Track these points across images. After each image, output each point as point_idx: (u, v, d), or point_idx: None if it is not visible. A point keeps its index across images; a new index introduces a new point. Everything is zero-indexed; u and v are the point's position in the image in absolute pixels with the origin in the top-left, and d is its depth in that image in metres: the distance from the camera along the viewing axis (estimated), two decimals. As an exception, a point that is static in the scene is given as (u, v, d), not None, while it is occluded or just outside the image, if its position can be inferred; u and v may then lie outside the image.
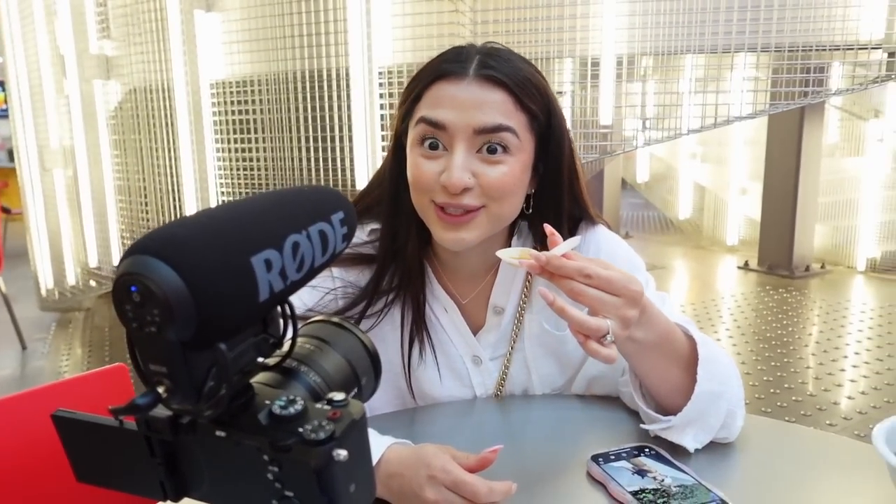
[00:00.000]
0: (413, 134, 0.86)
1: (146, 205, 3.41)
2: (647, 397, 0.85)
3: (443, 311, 0.97)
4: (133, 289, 0.33)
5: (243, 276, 0.36)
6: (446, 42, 2.20)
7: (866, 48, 2.60)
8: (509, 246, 0.96)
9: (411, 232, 0.91)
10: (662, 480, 0.72)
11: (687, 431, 0.79)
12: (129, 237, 3.55)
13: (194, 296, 0.33)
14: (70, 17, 3.42)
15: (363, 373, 0.49)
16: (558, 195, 0.90)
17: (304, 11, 2.55)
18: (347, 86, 2.53)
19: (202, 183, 3.02)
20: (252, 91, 2.84)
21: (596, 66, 2.57)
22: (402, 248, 0.92)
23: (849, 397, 2.92)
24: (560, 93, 2.79)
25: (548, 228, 0.77)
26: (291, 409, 0.38)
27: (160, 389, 0.36)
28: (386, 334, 0.94)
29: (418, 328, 0.95)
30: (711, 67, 2.92)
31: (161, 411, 0.39)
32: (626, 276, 0.72)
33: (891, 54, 2.57)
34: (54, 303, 4.33)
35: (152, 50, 2.99)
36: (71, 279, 4.11)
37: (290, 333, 0.43)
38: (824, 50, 2.59)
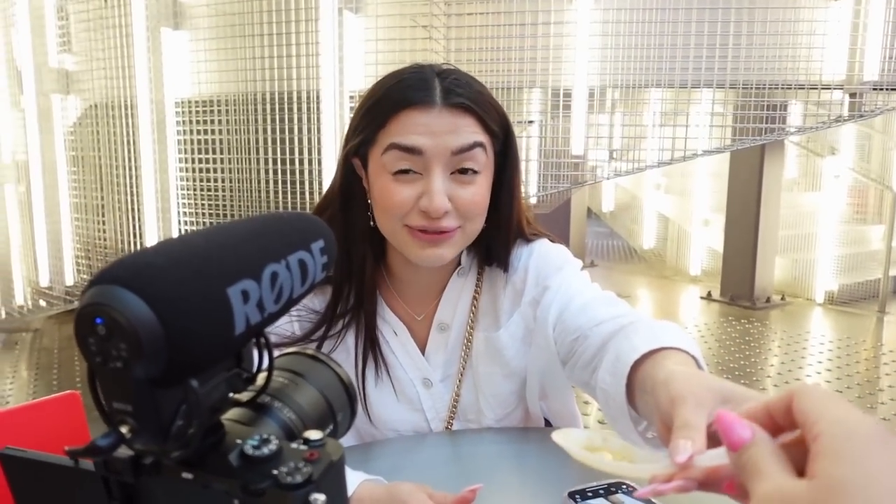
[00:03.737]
0: (382, 160, 0.85)
1: (104, 223, 3.32)
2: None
3: (392, 334, 0.97)
4: (98, 321, 0.31)
5: (219, 309, 0.33)
6: (420, 69, 2.21)
7: (828, 88, 2.70)
8: (460, 259, 0.96)
9: (367, 252, 0.91)
10: (639, 518, 0.71)
11: None
12: (83, 256, 3.44)
13: (166, 330, 0.31)
14: (29, 29, 3.33)
15: (339, 408, 0.47)
16: (511, 210, 0.93)
17: (276, 33, 2.54)
18: (317, 108, 2.52)
19: (164, 203, 2.95)
20: (218, 111, 2.81)
21: (567, 96, 2.62)
22: (357, 269, 0.91)
23: (809, 428, 2.96)
24: (530, 122, 2.83)
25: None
26: (265, 450, 0.36)
27: (123, 429, 0.33)
28: (339, 360, 0.93)
29: (372, 348, 0.94)
30: (677, 102, 2.99)
31: (122, 451, 0.36)
32: None
33: (851, 95, 2.67)
34: (0, 323, 4.16)
35: (116, 66, 2.94)
36: (19, 299, 3.96)
37: (263, 367, 0.41)
38: (788, 88, 2.67)
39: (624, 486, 0.77)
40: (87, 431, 0.94)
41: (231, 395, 0.39)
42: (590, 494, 0.75)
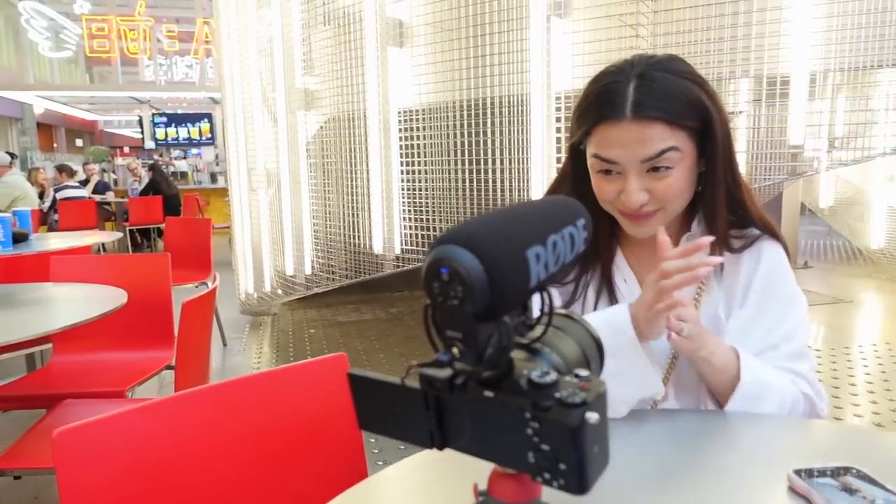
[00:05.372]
0: (590, 162, 1.01)
1: (338, 222, 3.75)
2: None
3: (622, 281, 1.10)
4: (443, 270, 0.43)
5: (522, 266, 0.45)
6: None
7: None
8: (689, 225, 1.08)
9: (602, 216, 1.06)
10: (873, 501, 0.71)
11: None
12: (320, 250, 3.92)
13: (490, 278, 0.43)
14: (282, 57, 3.89)
15: (592, 359, 0.57)
16: (715, 191, 1.02)
17: (489, 44, 2.72)
18: (527, 111, 2.66)
19: (388, 202, 3.28)
20: (436, 117, 3.06)
21: (783, 84, 2.45)
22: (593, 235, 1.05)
23: None
24: (736, 112, 2.70)
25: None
26: (547, 379, 0.46)
27: (454, 351, 0.46)
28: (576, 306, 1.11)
29: (609, 290, 1.09)
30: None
31: (440, 372, 0.49)
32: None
33: None
34: (252, 306, 4.88)
35: (349, 84, 3.32)
36: (267, 287, 4.62)
37: (534, 317, 0.52)
38: None
39: (853, 470, 0.77)
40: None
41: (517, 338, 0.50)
42: (816, 474, 0.76)
